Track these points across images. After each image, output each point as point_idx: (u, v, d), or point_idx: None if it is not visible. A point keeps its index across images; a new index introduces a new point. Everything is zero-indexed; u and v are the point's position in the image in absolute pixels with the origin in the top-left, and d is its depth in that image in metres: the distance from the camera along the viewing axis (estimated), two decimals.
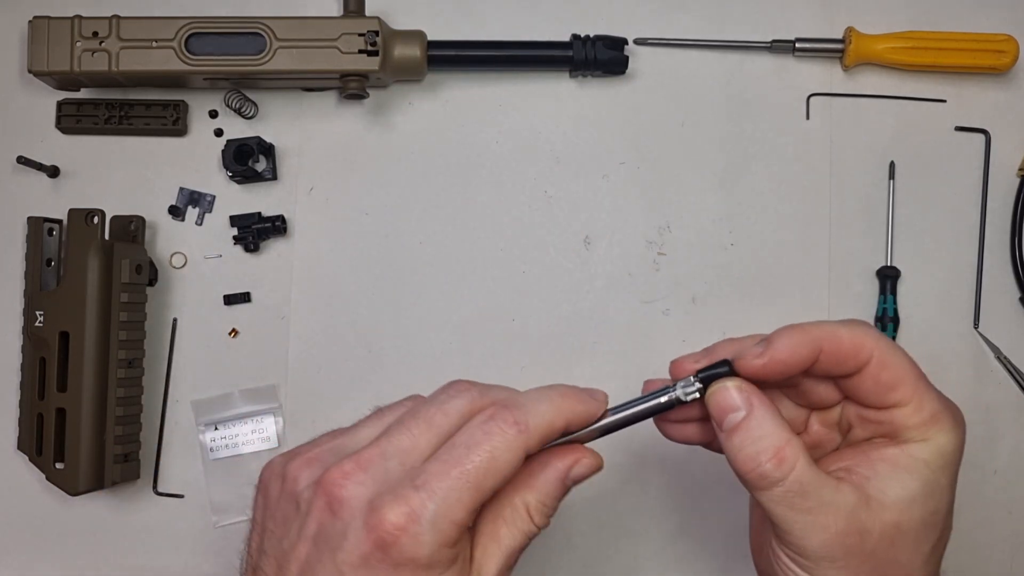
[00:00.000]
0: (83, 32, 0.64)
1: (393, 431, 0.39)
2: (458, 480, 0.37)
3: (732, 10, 0.70)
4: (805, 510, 0.39)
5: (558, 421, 0.40)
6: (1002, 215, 0.69)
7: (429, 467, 0.37)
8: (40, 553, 0.67)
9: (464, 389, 0.41)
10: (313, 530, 0.38)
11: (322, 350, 0.68)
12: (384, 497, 0.37)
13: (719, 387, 0.41)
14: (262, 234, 0.68)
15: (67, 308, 0.62)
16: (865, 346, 0.40)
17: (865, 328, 0.41)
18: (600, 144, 0.70)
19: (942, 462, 0.40)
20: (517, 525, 0.40)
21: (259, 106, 0.69)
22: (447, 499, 0.37)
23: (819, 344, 0.40)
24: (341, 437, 0.42)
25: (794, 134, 0.70)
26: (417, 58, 0.66)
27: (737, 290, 0.69)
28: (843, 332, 0.41)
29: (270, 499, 0.41)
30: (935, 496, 0.40)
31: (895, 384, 0.40)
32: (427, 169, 0.69)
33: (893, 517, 0.39)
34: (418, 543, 0.36)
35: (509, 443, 0.38)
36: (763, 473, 0.39)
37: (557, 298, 0.69)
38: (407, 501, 0.36)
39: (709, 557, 0.67)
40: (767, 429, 0.39)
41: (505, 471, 0.38)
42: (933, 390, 0.41)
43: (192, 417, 0.67)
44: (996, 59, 0.68)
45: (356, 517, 0.37)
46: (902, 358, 0.41)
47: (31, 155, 0.68)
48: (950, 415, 0.41)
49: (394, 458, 0.38)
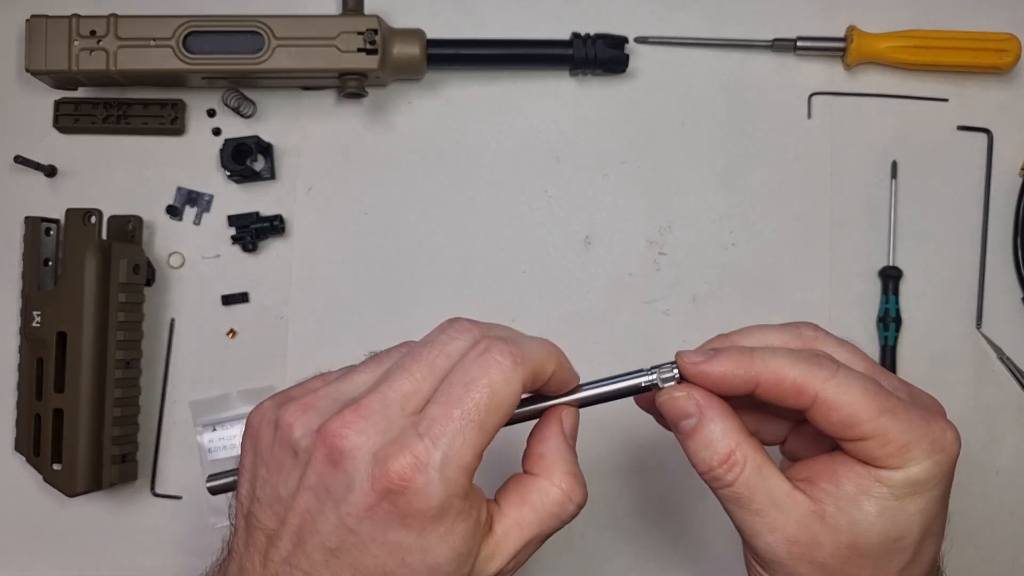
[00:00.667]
0: (81, 31, 0.64)
1: (394, 375, 0.38)
2: (461, 422, 0.36)
3: (733, 9, 0.70)
4: (753, 511, 0.40)
5: (549, 362, 0.40)
6: (1004, 215, 0.69)
7: (430, 411, 0.37)
8: (38, 554, 0.66)
9: (465, 329, 0.40)
10: (313, 481, 0.37)
11: (321, 351, 0.68)
12: (388, 447, 0.36)
13: (670, 396, 0.41)
14: (260, 234, 0.67)
15: (64, 308, 0.62)
16: (807, 388, 0.39)
17: (815, 366, 0.39)
18: (600, 143, 0.69)
19: (910, 490, 0.39)
20: (547, 509, 0.40)
21: (257, 105, 0.69)
22: (452, 443, 0.36)
23: (755, 378, 0.39)
24: (336, 382, 0.40)
25: (795, 133, 0.69)
26: (416, 57, 0.66)
27: (738, 290, 0.68)
28: (787, 370, 0.39)
29: (262, 445, 0.39)
30: (898, 523, 0.39)
31: (847, 424, 0.39)
32: (427, 168, 0.69)
33: (847, 538, 0.39)
34: (427, 492, 0.35)
35: (507, 375, 0.37)
36: (715, 476, 0.40)
37: (557, 298, 0.68)
38: (412, 449, 0.35)
39: (709, 558, 0.67)
40: (717, 435, 0.40)
41: (506, 405, 0.37)
42: (906, 417, 0.39)
43: (190, 418, 0.67)
44: (998, 58, 0.68)
45: (360, 469, 0.36)
46: (856, 395, 0.38)
47: (29, 154, 0.67)
48: (927, 442, 0.39)
49: (395, 405, 0.37)
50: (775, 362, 0.39)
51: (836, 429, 0.39)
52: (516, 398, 0.38)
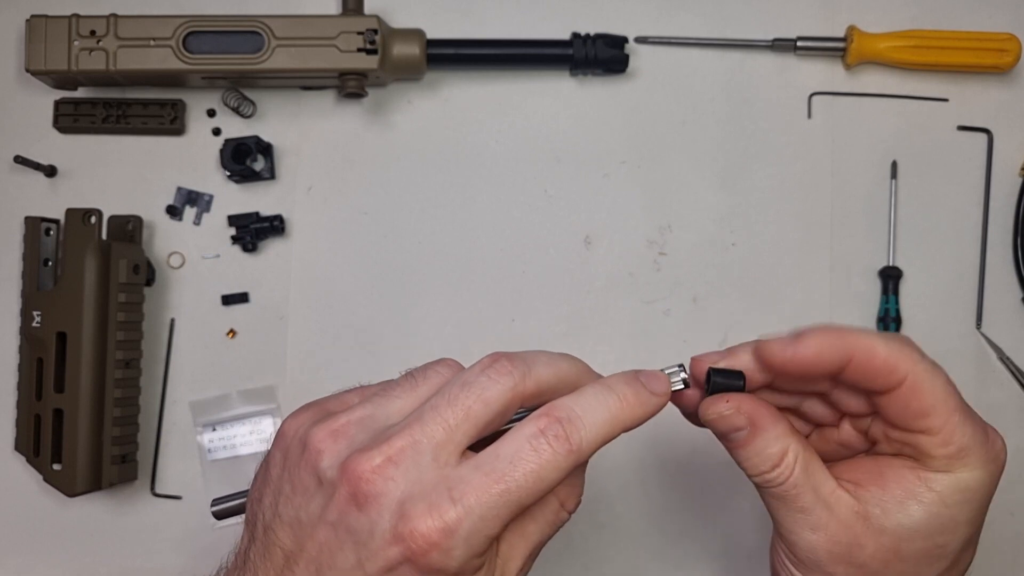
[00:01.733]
0: (80, 31, 0.64)
1: (428, 417, 0.36)
2: (499, 498, 0.35)
3: (733, 8, 0.70)
4: (798, 508, 0.39)
5: (613, 433, 0.37)
6: (1004, 215, 0.69)
7: (468, 476, 0.35)
8: (38, 554, 0.66)
9: (506, 372, 0.37)
10: (335, 517, 0.36)
11: (321, 351, 0.68)
12: (417, 504, 0.35)
13: (718, 414, 0.40)
14: (260, 234, 0.67)
15: (64, 308, 0.62)
16: (899, 367, 0.38)
17: (905, 347, 0.38)
18: (600, 143, 0.69)
19: (960, 498, 0.39)
20: (546, 518, 0.39)
21: (257, 105, 0.69)
22: (484, 516, 0.35)
23: (850, 353, 0.38)
24: (372, 404, 0.38)
25: (796, 133, 0.69)
26: (416, 56, 0.66)
27: (738, 290, 0.68)
28: (880, 347, 0.38)
29: (290, 461, 0.38)
30: (944, 531, 0.39)
31: (925, 413, 0.38)
32: (426, 168, 0.69)
33: (891, 542, 0.39)
34: (449, 557, 0.34)
35: (558, 463, 0.36)
36: (766, 479, 0.40)
37: (557, 298, 0.68)
38: (442, 514, 0.34)
39: (710, 559, 0.67)
40: (769, 442, 0.39)
41: (547, 489, 0.36)
42: (970, 421, 0.39)
43: (190, 418, 0.67)
44: (999, 58, 0.68)
45: (384, 517, 0.35)
46: (939, 386, 0.38)
47: (28, 154, 0.67)
48: (982, 450, 0.39)
49: (427, 453, 0.36)
50: (867, 339, 0.38)
51: (910, 416, 0.38)
52: (560, 481, 0.36)
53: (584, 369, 0.40)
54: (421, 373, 0.40)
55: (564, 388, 0.38)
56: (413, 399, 0.38)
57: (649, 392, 0.39)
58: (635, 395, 0.38)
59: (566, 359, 0.39)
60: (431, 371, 0.40)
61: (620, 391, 0.38)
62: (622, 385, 0.38)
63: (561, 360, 0.39)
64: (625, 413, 0.38)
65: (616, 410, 0.37)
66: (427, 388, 0.39)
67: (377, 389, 0.40)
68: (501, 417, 0.37)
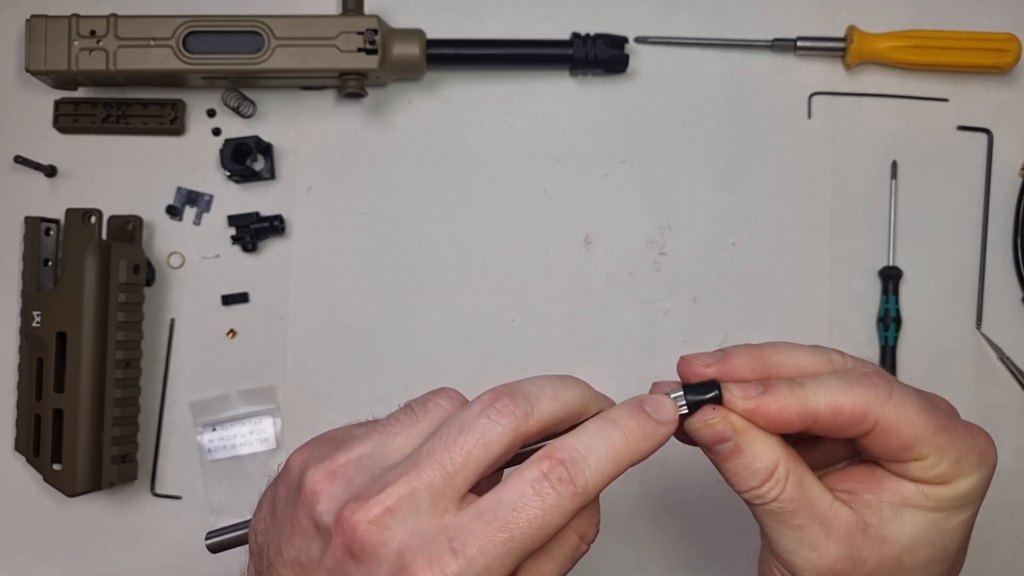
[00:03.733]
0: (80, 31, 0.64)
1: (425, 463, 0.35)
2: (503, 547, 0.33)
3: (733, 8, 0.70)
4: (795, 526, 0.38)
5: (620, 469, 0.36)
6: (1004, 215, 0.69)
7: (470, 525, 0.34)
8: (38, 554, 0.66)
9: (508, 412, 0.35)
10: (332, 565, 0.35)
11: (321, 351, 0.68)
12: (417, 556, 0.33)
13: (704, 423, 0.38)
14: (260, 234, 0.67)
15: (64, 308, 0.62)
16: (868, 415, 0.37)
17: (869, 389, 0.37)
18: (600, 143, 0.69)
19: (957, 504, 0.38)
20: (565, 554, 0.37)
21: (257, 105, 0.69)
22: (488, 567, 0.33)
23: (813, 414, 0.37)
24: (370, 442, 0.37)
25: (796, 133, 0.69)
26: (416, 56, 0.66)
27: (738, 290, 0.68)
28: (844, 399, 0.37)
29: (290, 500, 0.37)
30: (944, 537, 0.38)
31: (906, 447, 0.37)
32: (426, 168, 0.69)
33: (893, 552, 0.38)
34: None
35: (564, 507, 0.34)
36: (756, 494, 0.38)
37: (557, 298, 0.68)
38: (443, 567, 0.33)
39: (710, 559, 0.67)
40: (757, 454, 0.38)
41: (551, 533, 0.34)
42: (956, 432, 0.38)
43: (190, 418, 0.67)
44: (998, 58, 0.68)
45: (383, 568, 0.33)
46: (914, 416, 0.37)
47: (28, 154, 0.67)
48: (975, 455, 0.38)
49: (425, 501, 0.34)
50: (828, 393, 0.37)
51: (893, 453, 0.37)
52: (565, 524, 0.35)
53: (590, 395, 0.38)
54: (421, 406, 0.38)
55: (570, 419, 0.37)
56: (414, 435, 0.37)
57: (655, 422, 0.37)
58: (640, 428, 0.37)
59: (570, 387, 0.38)
60: (431, 403, 0.38)
61: (624, 425, 0.36)
62: (626, 418, 0.37)
63: (565, 389, 0.37)
64: (631, 448, 0.36)
65: (621, 446, 0.36)
66: (428, 423, 0.37)
67: (381, 426, 0.38)
68: (502, 459, 0.36)
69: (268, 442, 0.67)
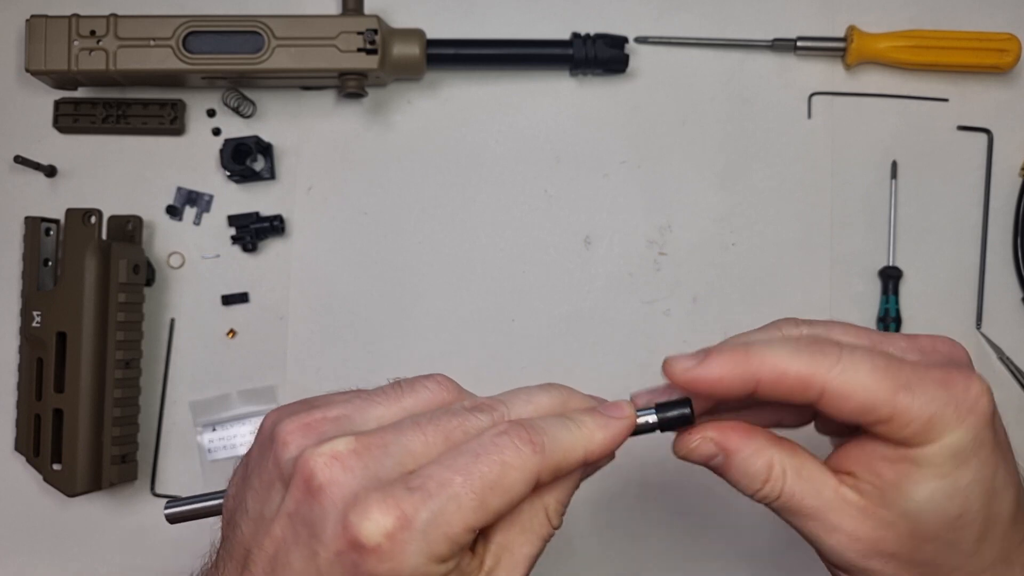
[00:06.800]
0: (80, 31, 0.64)
1: (407, 428, 0.35)
2: (461, 488, 0.33)
3: (733, 8, 0.70)
4: (807, 516, 0.38)
5: (575, 452, 0.36)
6: (1004, 215, 0.69)
7: (428, 469, 0.34)
8: (38, 554, 0.66)
9: (493, 407, 0.37)
10: (291, 508, 0.34)
11: (321, 351, 0.68)
12: (372, 494, 0.33)
13: (687, 449, 0.39)
14: (260, 234, 0.67)
15: (64, 308, 0.62)
16: (812, 381, 0.36)
17: (816, 354, 0.36)
18: (600, 143, 0.69)
19: (954, 463, 0.36)
20: (535, 531, 0.37)
21: (257, 105, 0.69)
22: (444, 508, 0.33)
23: (754, 376, 0.36)
24: (351, 405, 0.37)
25: (796, 133, 0.69)
26: (416, 56, 0.66)
27: (738, 290, 0.68)
28: (788, 363, 0.36)
29: (261, 455, 0.37)
30: (954, 501, 0.36)
31: (862, 410, 0.36)
32: (426, 168, 0.69)
33: (905, 527, 0.37)
34: (402, 552, 0.32)
35: (523, 461, 0.34)
36: (762, 495, 0.39)
37: (557, 298, 0.68)
38: (397, 502, 0.32)
39: (710, 559, 0.67)
40: (749, 460, 0.39)
41: (513, 492, 0.34)
42: (924, 387, 0.36)
43: (190, 418, 0.67)
44: (999, 58, 0.68)
45: (337, 506, 0.33)
46: (866, 379, 0.36)
47: (28, 154, 0.67)
48: (951, 409, 0.36)
49: (395, 456, 0.34)
50: (773, 355, 0.36)
51: (851, 417, 0.36)
52: (525, 489, 0.35)
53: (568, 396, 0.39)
54: (409, 384, 0.38)
55: (546, 428, 0.36)
56: (396, 410, 0.37)
57: (608, 417, 0.38)
58: (593, 420, 0.37)
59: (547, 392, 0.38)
60: (419, 384, 0.38)
61: (578, 417, 0.37)
62: (581, 413, 0.38)
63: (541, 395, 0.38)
64: (585, 433, 0.37)
65: (574, 429, 0.37)
66: (412, 402, 0.37)
67: (362, 392, 0.39)
68: None
69: None
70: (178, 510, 0.41)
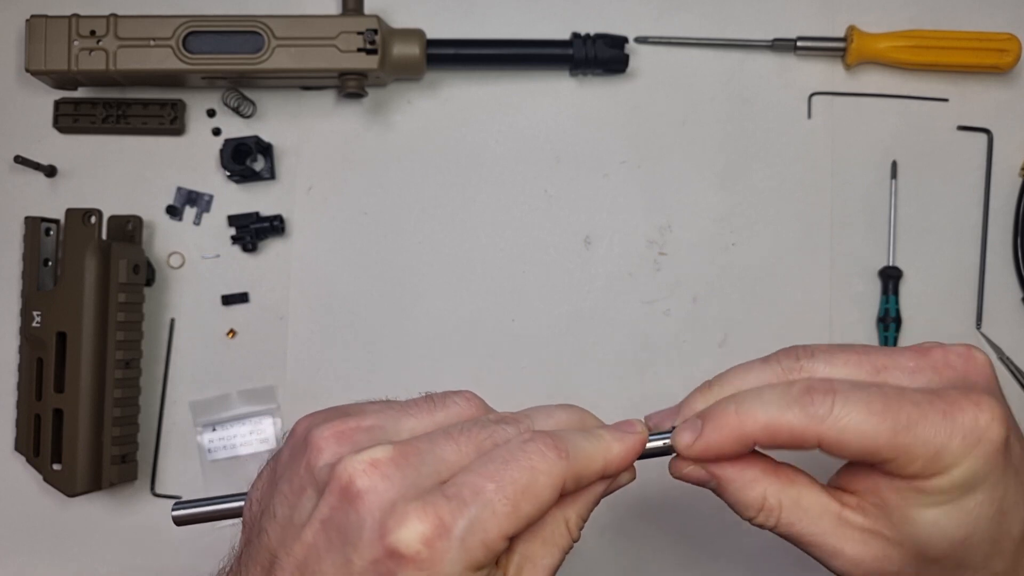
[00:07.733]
0: (80, 31, 0.64)
1: (439, 439, 0.36)
2: (495, 495, 0.33)
3: (733, 8, 0.70)
4: (808, 543, 0.39)
5: (596, 461, 0.37)
6: (1005, 215, 0.69)
7: (462, 477, 0.34)
8: (37, 554, 0.66)
9: (518, 420, 0.38)
10: (326, 513, 0.34)
11: (321, 351, 0.68)
12: (411, 502, 0.33)
13: (680, 473, 0.40)
14: (260, 234, 0.67)
15: (64, 308, 0.62)
16: (806, 435, 0.36)
17: (805, 407, 0.36)
18: (600, 143, 0.69)
19: (960, 491, 0.35)
20: (556, 542, 0.37)
21: (257, 105, 0.69)
22: (481, 515, 0.33)
23: (749, 439, 0.37)
24: (384, 416, 0.38)
25: (795, 133, 0.69)
26: (416, 56, 0.66)
27: (738, 290, 0.68)
28: (780, 420, 0.36)
29: (292, 459, 0.37)
30: (959, 525, 0.36)
31: (863, 454, 0.36)
32: (426, 168, 0.69)
33: (911, 550, 0.37)
34: (440, 561, 0.32)
35: (550, 466, 0.35)
36: (759, 523, 0.39)
37: (557, 298, 0.68)
38: (436, 510, 0.33)
39: (710, 560, 0.67)
40: (742, 490, 0.39)
41: (543, 497, 0.35)
42: (927, 423, 0.35)
43: (190, 418, 0.67)
44: (999, 58, 0.68)
45: (374, 514, 0.33)
46: (862, 425, 0.35)
47: (28, 154, 0.67)
48: (958, 441, 0.35)
49: (430, 465, 0.35)
50: (764, 414, 0.37)
51: (854, 459, 0.37)
52: (554, 494, 0.35)
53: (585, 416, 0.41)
54: (440, 399, 0.39)
55: (568, 437, 0.38)
56: (428, 423, 0.38)
57: (623, 432, 0.39)
58: (610, 432, 0.39)
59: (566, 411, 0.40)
60: (451, 400, 0.39)
61: (596, 431, 0.39)
62: (597, 427, 0.40)
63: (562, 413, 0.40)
64: (603, 443, 0.38)
65: (594, 440, 0.38)
66: (444, 416, 0.38)
67: (396, 403, 0.39)
68: None
69: (268, 442, 0.67)
70: (186, 512, 0.41)
